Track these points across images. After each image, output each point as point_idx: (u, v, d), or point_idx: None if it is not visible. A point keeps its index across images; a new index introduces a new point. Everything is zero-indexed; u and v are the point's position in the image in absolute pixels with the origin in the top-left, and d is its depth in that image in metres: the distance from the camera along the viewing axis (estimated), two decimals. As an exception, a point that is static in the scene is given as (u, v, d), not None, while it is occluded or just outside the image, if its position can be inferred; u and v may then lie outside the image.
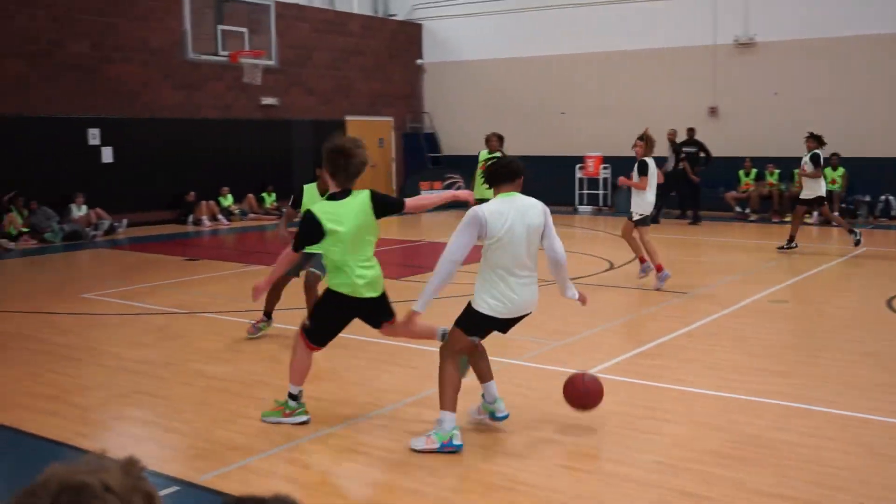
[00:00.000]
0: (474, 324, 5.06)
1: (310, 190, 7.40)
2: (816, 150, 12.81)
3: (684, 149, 18.54)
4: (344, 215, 5.06)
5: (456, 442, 4.95)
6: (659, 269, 9.98)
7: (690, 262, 12.86)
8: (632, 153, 10.46)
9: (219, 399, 5.98)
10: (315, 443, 5.11)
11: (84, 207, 15.65)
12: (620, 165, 19.97)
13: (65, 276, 11.77)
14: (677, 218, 18.33)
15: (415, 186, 21.90)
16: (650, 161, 10.21)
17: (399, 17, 23.61)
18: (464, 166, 22.17)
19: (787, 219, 17.43)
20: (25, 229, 14.73)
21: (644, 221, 10.30)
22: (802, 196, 13.13)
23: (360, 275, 5.10)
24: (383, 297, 5.30)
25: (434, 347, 6.92)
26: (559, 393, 6.05)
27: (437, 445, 4.94)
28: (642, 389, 6.16)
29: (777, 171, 18.43)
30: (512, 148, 21.56)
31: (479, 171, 11.91)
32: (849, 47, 18.10)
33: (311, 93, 20.80)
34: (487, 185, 5.20)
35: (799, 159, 17.97)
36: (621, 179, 10.64)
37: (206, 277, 11.14)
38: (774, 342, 7.58)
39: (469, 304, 5.08)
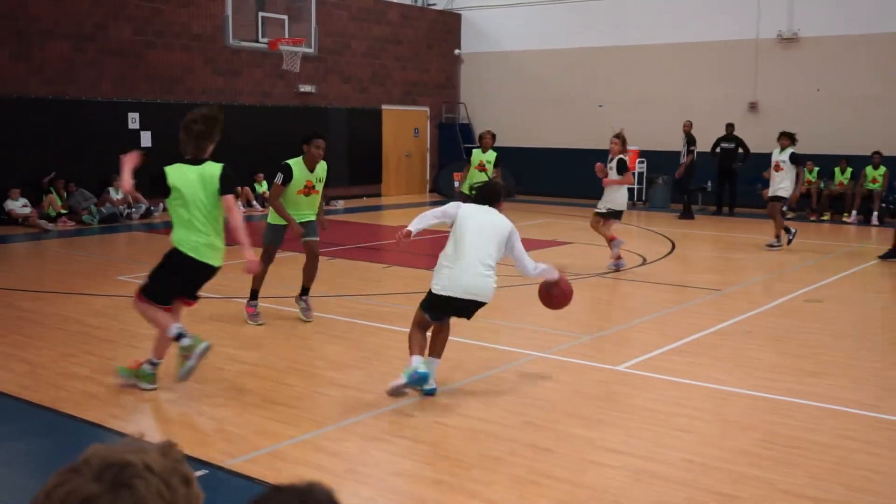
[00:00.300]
0: (427, 300, 5.79)
1: (297, 164, 7.77)
2: (794, 150, 12.56)
3: (722, 144, 18.38)
4: (189, 179, 5.58)
5: (421, 371, 5.50)
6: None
7: (725, 259, 12.72)
8: (666, 147, 10.61)
9: (250, 384, 6.02)
10: (343, 431, 5.13)
11: (121, 190, 15.86)
12: (657, 160, 19.92)
13: (101, 258, 11.93)
14: (713, 214, 18.16)
15: (449, 177, 21.89)
16: (627, 159, 11.13)
17: (438, 7, 23.54)
18: (500, 157, 22.07)
19: (825, 217, 17.22)
20: (64, 211, 14.97)
21: (613, 216, 11.07)
22: (781, 194, 12.74)
23: (200, 239, 5.63)
24: (213, 272, 5.84)
25: (464, 339, 6.93)
26: (588, 387, 6.03)
27: (404, 379, 5.48)
28: (673, 386, 6.10)
29: (816, 168, 18.09)
30: (548, 140, 21.76)
31: (472, 170, 12.23)
32: (894, 43, 17.71)
33: (347, 81, 20.85)
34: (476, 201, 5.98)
35: (839, 157, 17.78)
36: (605, 181, 11.23)
37: (239, 263, 11.20)
38: (809, 342, 7.47)
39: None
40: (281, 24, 15.54)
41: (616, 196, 10.97)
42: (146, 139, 16.84)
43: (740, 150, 18.21)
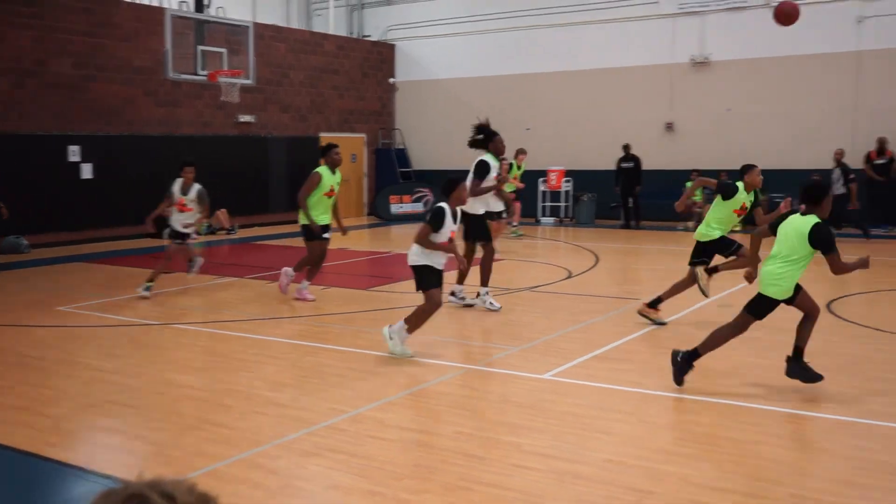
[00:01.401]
0: None
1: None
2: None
3: (622, 164, 19.26)
4: None
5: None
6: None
7: (645, 271, 13.23)
8: (590, 167, 10.99)
9: (188, 407, 6.14)
10: (280, 448, 5.25)
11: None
12: (582, 178, 20.72)
13: (41, 289, 11.83)
14: (621, 228, 19.13)
15: (385, 200, 22.35)
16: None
17: (373, 38, 24.16)
18: (434, 180, 22.70)
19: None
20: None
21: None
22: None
23: None
24: None
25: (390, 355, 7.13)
26: (516, 396, 6.29)
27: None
28: (596, 391, 6.41)
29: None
30: None
31: (321, 197, 10.15)
32: (796, 66, 18.88)
33: (286, 110, 21.12)
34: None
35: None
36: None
37: (179, 290, 11.30)
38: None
39: None
40: (220, 56, 15.83)
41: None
42: (87, 171, 16.84)
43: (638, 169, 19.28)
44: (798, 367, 6.28)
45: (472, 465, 4.95)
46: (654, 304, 8.65)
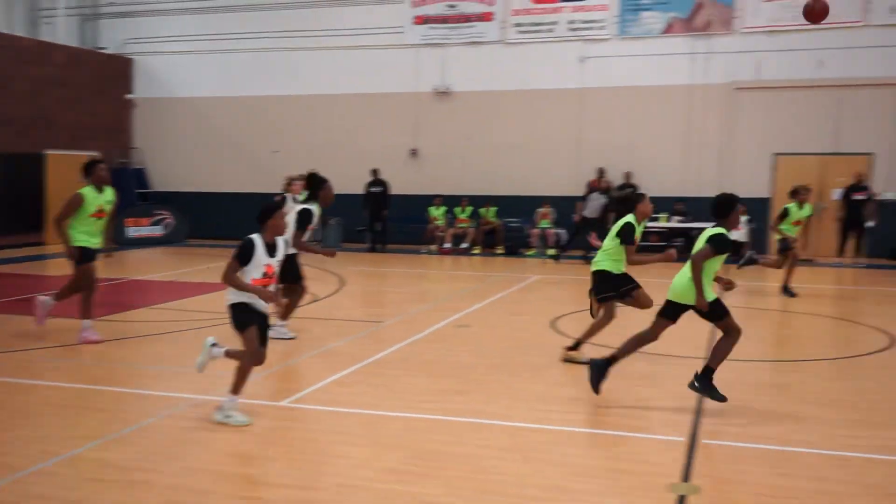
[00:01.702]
0: None
1: None
2: None
3: (370, 188, 19.87)
4: None
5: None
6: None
7: (388, 293, 13.57)
8: (336, 191, 11.07)
9: None
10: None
11: None
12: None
13: None
14: (368, 251, 19.61)
15: (120, 224, 21.06)
16: None
17: (109, 51, 22.86)
18: (175, 203, 21.86)
19: (476, 251, 19.22)
20: None
21: None
22: None
23: None
24: None
25: (119, 388, 6.73)
26: (251, 425, 6.10)
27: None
28: (332, 416, 6.40)
29: (469, 207, 20.12)
30: (223, 185, 22.12)
31: (87, 218, 8.95)
32: (528, 99, 20.33)
33: (5, 124, 19.37)
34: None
35: (487, 198, 19.88)
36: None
37: None
38: (455, 364, 8.18)
39: None
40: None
41: None
42: None
43: (387, 193, 19.90)
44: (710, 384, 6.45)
45: (197, 500, 4.78)
46: (575, 347, 8.11)
